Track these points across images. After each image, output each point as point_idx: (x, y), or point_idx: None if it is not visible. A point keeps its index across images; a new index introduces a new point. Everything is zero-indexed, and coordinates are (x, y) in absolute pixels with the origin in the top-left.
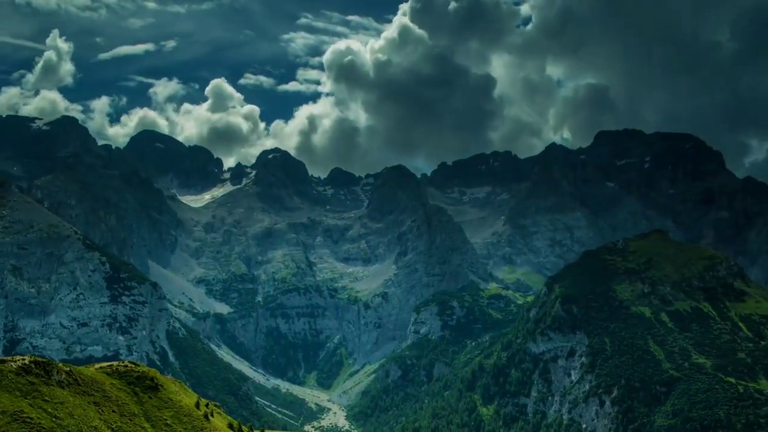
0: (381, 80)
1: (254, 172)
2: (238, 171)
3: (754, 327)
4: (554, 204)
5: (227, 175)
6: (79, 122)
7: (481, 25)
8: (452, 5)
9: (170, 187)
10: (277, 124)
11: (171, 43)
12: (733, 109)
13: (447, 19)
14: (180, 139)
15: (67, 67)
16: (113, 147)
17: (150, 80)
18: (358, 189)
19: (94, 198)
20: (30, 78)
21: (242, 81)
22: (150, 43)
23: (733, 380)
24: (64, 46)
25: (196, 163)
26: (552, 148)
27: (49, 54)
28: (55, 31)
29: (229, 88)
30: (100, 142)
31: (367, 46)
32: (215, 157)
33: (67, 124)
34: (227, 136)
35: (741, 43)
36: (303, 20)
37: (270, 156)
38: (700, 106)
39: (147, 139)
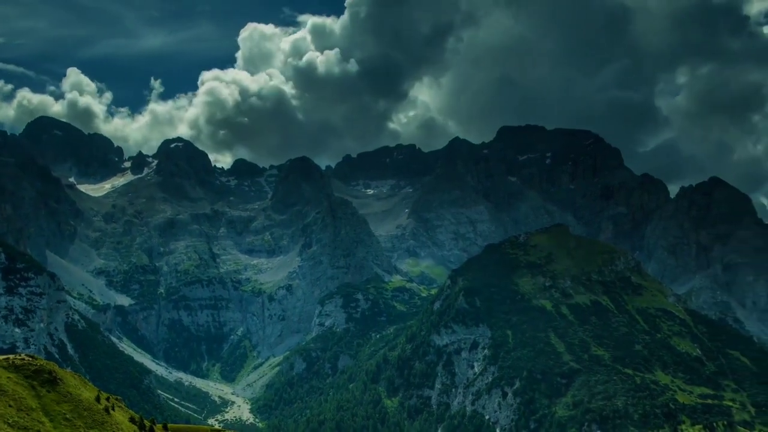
0: None
1: (156, 162)
2: (139, 160)
3: (651, 320)
4: (457, 198)
5: (128, 164)
6: None
7: None
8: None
9: (69, 176)
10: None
11: None
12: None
13: None
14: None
15: None
16: (8, 133)
17: None
18: (262, 180)
19: None
20: None
21: None
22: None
23: (630, 371)
24: None
25: (95, 151)
26: (455, 142)
27: None
28: None
29: None
30: None
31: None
32: (116, 145)
33: None
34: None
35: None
36: None
37: (172, 145)
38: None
39: (44, 125)
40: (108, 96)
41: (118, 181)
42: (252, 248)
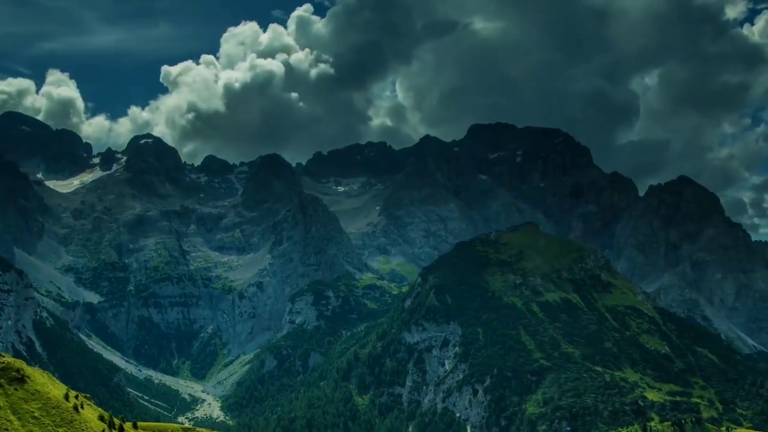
0: None
1: (125, 158)
2: (108, 156)
3: (620, 318)
4: (428, 195)
5: (97, 160)
6: None
7: None
8: None
9: (37, 172)
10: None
11: None
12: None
13: None
14: None
15: None
16: None
17: None
18: (232, 177)
19: None
20: None
21: None
22: None
23: (600, 369)
24: None
25: (64, 147)
26: (426, 140)
27: None
28: None
29: None
30: None
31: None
32: (84, 141)
33: None
34: None
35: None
36: None
37: (142, 141)
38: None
39: (11, 121)
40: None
41: (87, 177)
42: (222, 245)
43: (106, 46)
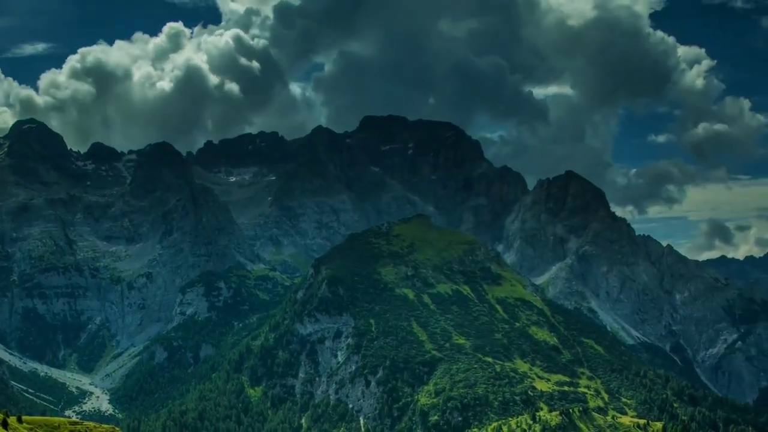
0: None
1: (8, 144)
2: None
3: (510, 309)
4: (320, 186)
5: None
6: None
7: None
8: None
9: None
10: None
11: None
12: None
13: None
14: None
15: None
16: None
17: None
18: (120, 165)
19: None
20: None
21: None
22: None
23: (490, 359)
24: None
25: None
26: (318, 131)
27: None
28: None
29: None
30: None
31: None
32: None
33: None
34: None
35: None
36: None
37: (25, 127)
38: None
39: None
40: None
41: None
42: (110, 235)
43: None
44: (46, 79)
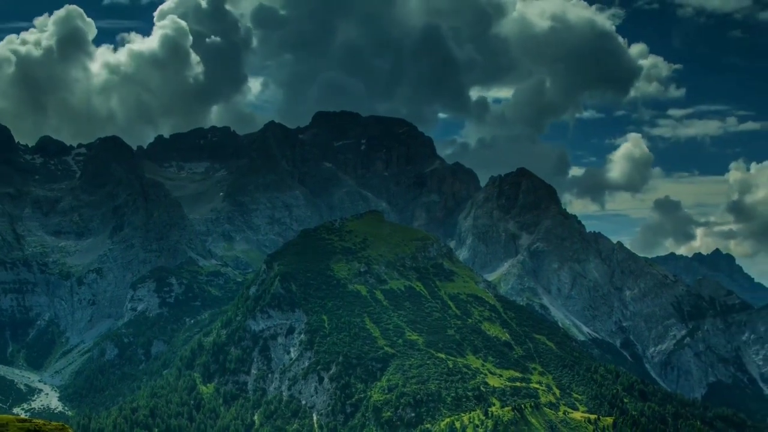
0: None
1: None
2: None
3: (462, 305)
4: (273, 182)
5: None
6: None
7: None
8: None
9: None
10: None
11: None
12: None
13: None
14: None
15: None
16: None
17: None
18: (69, 159)
19: None
20: None
21: None
22: None
23: (443, 356)
24: None
25: None
26: (270, 126)
27: None
28: None
29: None
30: None
31: None
32: None
33: None
34: None
35: None
36: None
37: None
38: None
39: None
40: None
41: None
42: (59, 230)
43: None
44: None
